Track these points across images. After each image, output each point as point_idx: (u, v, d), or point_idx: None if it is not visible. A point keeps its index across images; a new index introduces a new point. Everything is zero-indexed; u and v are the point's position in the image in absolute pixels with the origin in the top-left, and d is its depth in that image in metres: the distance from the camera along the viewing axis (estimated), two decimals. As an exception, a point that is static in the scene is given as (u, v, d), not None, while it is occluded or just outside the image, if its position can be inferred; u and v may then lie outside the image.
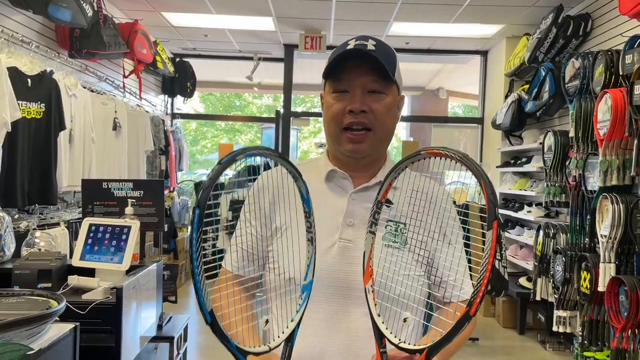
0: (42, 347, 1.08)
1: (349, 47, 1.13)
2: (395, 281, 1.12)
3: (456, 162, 0.91)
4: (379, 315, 1.00)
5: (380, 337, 0.99)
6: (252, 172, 1.26)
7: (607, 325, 3.37)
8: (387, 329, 0.99)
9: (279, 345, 0.97)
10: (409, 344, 0.95)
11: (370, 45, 1.13)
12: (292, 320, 0.99)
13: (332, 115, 1.16)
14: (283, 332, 0.97)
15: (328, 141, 1.23)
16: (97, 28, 4.06)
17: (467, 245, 1.21)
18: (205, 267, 0.94)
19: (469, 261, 1.20)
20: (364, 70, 1.13)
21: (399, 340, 0.96)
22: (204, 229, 0.82)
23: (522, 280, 5.01)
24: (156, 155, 5.79)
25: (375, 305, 1.00)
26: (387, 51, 1.15)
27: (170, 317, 2.60)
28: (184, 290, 5.93)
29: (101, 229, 1.96)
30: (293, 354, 1.12)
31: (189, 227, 0.83)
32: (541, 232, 4.40)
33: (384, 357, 0.98)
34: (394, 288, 1.12)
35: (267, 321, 0.99)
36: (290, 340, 0.98)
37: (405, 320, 1.00)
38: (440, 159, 0.95)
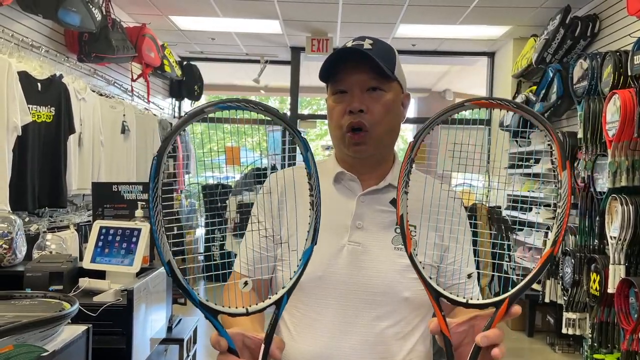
0: (56, 349, 1.09)
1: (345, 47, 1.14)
2: (404, 285, 1.13)
3: (508, 111, 0.86)
4: (430, 278, 0.91)
5: (437, 298, 0.89)
6: (260, 175, 1.27)
7: (617, 327, 3.35)
8: (444, 290, 0.90)
9: (263, 310, 0.89)
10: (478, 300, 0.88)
11: (367, 44, 1.13)
12: (283, 287, 0.90)
13: (333, 117, 1.17)
14: (270, 297, 0.90)
15: (334, 143, 1.23)
16: (106, 32, 4.09)
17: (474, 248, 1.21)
18: (215, 271, 0.95)
19: (477, 263, 1.20)
20: (361, 69, 1.12)
21: (464, 298, 0.89)
22: (213, 230, 0.81)
23: (531, 282, 4.97)
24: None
25: (424, 268, 0.91)
26: (384, 49, 1.15)
27: (180, 319, 2.62)
28: (192, 293, 5.93)
29: (111, 231, 1.97)
30: (304, 355, 1.12)
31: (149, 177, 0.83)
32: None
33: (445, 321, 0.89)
34: (402, 291, 1.12)
35: (245, 283, 0.90)
36: (278, 306, 0.89)
37: (469, 276, 0.96)
38: (487, 109, 0.87)
